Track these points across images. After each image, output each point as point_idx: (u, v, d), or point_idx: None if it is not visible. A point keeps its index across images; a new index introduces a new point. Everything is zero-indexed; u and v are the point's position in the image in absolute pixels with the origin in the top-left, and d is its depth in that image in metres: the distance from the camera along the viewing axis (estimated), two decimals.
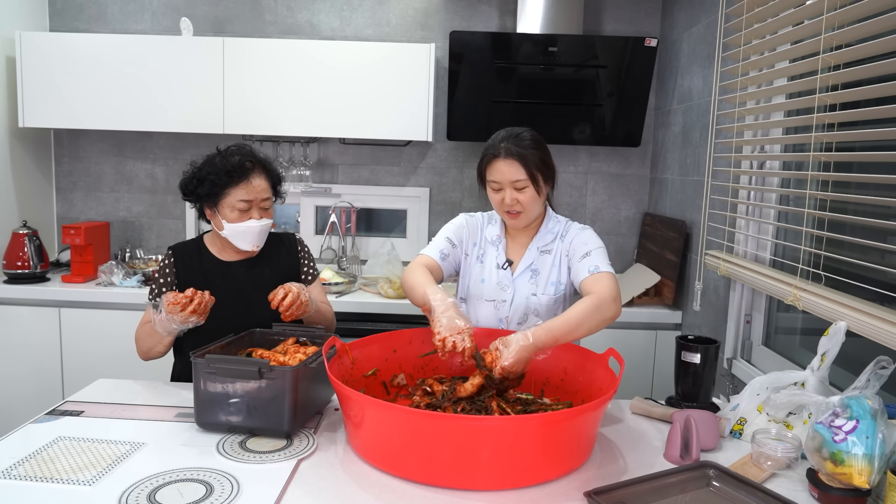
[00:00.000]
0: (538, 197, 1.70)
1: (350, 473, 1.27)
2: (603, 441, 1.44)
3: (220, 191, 1.72)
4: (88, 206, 3.35)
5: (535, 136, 1.71)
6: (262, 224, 1.76)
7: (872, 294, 1.54)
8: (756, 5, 2.06)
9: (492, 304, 1.79)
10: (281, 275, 1.84)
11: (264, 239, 1.82)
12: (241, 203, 1.72)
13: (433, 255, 1.77)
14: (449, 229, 1.84)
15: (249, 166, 1.74)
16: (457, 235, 1.83)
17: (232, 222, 1.74)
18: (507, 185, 1.68)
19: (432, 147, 3.27)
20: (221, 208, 1.74)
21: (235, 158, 1.73)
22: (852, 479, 1.16)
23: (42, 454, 1.29)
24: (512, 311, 1.78)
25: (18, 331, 2.80)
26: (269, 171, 1.81)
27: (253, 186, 1.73)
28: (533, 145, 1.68)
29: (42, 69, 2.87)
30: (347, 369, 1.52)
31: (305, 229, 3.33)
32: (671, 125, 2.96)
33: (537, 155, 1.67)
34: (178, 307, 1.55)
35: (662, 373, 2.76)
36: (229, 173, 1.71)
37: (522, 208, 1.69)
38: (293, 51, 2.87)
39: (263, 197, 1.76)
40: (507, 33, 2.99)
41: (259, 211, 1.76)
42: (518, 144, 1.66)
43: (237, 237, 1.76)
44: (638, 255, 3.26)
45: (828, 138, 1.73)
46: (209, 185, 1.72)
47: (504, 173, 1.67)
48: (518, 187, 1.67)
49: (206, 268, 1.81)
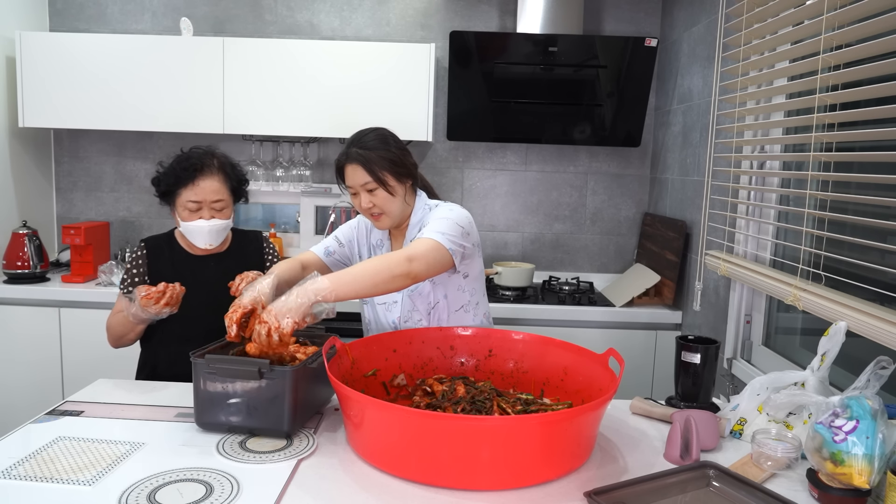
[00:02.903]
0: (392, 197, 1.69)
1: (350, 473, 1.27)
2: (603, 441, 1.44)
3: (172, 190, 1.82)
4: (88, 206, 3.35)
5: (381, 135, 1.70)
6: (210, 224, 1.82)
7: (872, 294, 1.54)
8: (756, 5, 2.06)
9: (383, 306, 1.82)
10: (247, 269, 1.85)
11: (218, 238, 1.87)
12: (190, 203, 1.80)
13: (317, 252, 1.84)
14: (342, 230, 1.89)
15: (199, 168, 1.80)
16: (346, 236, 1.87)
17: (184, 220, 1.83)
18: (359, 189, 1.69)
19: (432, 147, 3.27)
20: (177, 207, 1.84)
21: (189, 160, 1.81)
22: (852, 480, 1.16)
23: (42, 454, 1.29)
24: (402, 311, 1.79)
25: (18, 331, 2.80)
26: (226, 173, 1.86)
27: (201, 188, 1.80)
28: (380, 145, 1.67)
29: (42, 69, 2.87)
30: (347, 369, 1.52)
31: (305, 229, 3.33)
32: (671, 125, 2.96)
33: (384, 155, 1.66)
34: (152, 301, 1.64)
35: (662, 373, 2.76)
36: (178, 175, 1.80)
37: (380, 210, 1.70)
38: (293, 51, 2.87)
39: (214, 199, 1.81)
40: (507, 33, 2.99)
41: (210, 211, 1.82)
42: (365, 147, 1.66)
43: (190, 235, 1.85)
44: (638, 255, 3.26)
45: (828, 138, 1.73)
46: (164, 185, 1.83)
47: (353, 178, 1.68)
48: (368, 189, 1.68)
49: (177, 261, 1.90)
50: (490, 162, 3.30)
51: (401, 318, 1.80)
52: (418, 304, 1.77)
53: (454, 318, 1.81)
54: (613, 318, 2.77)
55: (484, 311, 1.89)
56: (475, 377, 1.65)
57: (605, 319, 2.77)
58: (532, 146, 3.28)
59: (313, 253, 1.85)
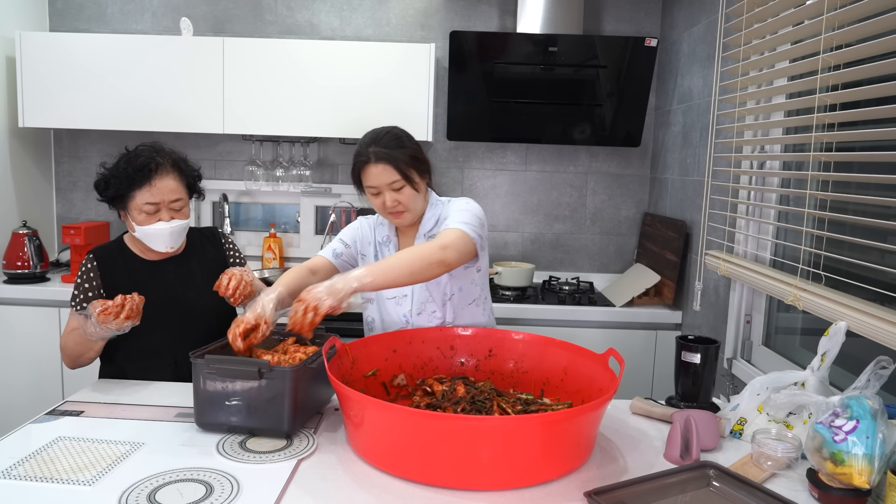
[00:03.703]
0: (417, 193, 1.71)
1: (350, 473, 1.27)
2: (603, 441, 1.44)
3: (125, 193, 1.69)
4: (88, 206, 3.35)
5: (399, 134, 1.72)
6: (172, 226, 1.72)
7: (872, 294, 1.54)
8: (756, 5, 2.06)
9: (393, 301, 1.82)
10: (209, 269, 1.84)
11: (179, 240, 1.77)
12: (146, 206, 1.68)
13: (326, 255, 1.83)
14: (345, 231, 1.88)
15: (153, 167, 1.68)
16: (351, 237, 1.87)
17: (141, 224, 1.70)
18: (384, 189, 1.69)
19: (432, 147, 3.27)
20: (130, 211, 1.71)
21: (140, 160, 1.69)
22: (852, 479, 1.16)
23: (42, 454, 1.29)
24: (414, 305, 1.80)
25: (18, 331, 2.80)
26: (181, 170, 1.76)
27: (158, 188, 1.69)
28: (400, 144, 1.69)
29: (42, 69, 2.87)
30: (347, 369, 1.52)
31: (305, 229, 3.33)
32: (671, 125, 2.96)
33: (406, 152, 1.68)
34: (111, 316, 1.53)
35: (662, 373, 2.76)
36: (131, 176, 1.67)
37: (405, 207, 1.70)
38: (293, 51, 2.87)
39: (172, 198, 1.71)
40: (507, 33, 2.99)
41: (169, 212, 1.71)
42: (385, 146, 1.67)
43: (148, 239, 1.73)
44: (638, 255, 3.26)
45: (828, 138, 1.73)
46: (114, 189, 1.69)
47: (378, 178, 1.67)
48: (395, 188, 1.68)
49: (132, 269, 1.78)
50: (490, 162, 3.30)
51: (412, 310, 1.80)
52: (435, 294, 1.78)
53: (467, 311, 1.82)
54: (613, 318, 2.77)
55: (490, 306, 1.91)
56: (475, 377, 1.65)
57: (605, 319, 2.77)
58: (532, 146, 3.28)
59: (322, 257, 1.83)
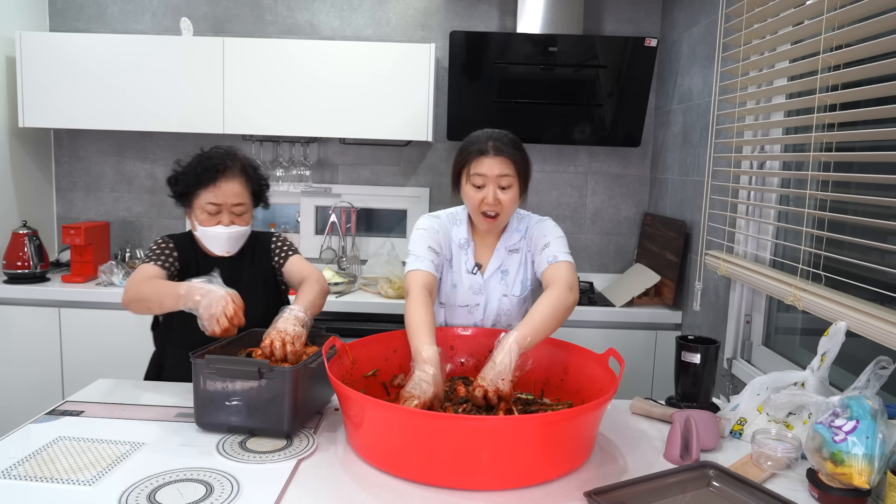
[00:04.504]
0: (518, 199, 1.70)
1: (350, 473, 1.27)
2: (603, 441, 1.44)
3: (191, 191, 1.72)
4: (88, 206, 3.35)
5: (518, 140, 1.72)
6: (230, 231, 1.73)
7: (872, 294, 1.54)
8: (756, 5, 2.06)
9: (465, 309, 1.80)
10: (256, 275, 1.84)
11: (236, 245, 1.78)
12: (209, 206, 1.71)
13: (427, 269, 1.67)
14: (426, 237, 1.74)
15: (221, 169, 1.71)
16: (435, 241, 1.75)
17: (202, 225, 1.73)
18: (491, 182, 1.65)
19: (432, 147, 3.27)
20: (194, 209, 1.74)
21: (210, 161, 1.72)
22: (852, 480, 1.16)
23: (42, 454, 1.29)
24: (486, 315, 1.79)
25: (18, 331, 2.80)
26: (248, 176, 1.78)
27: (222, 190, 1.71)
28: (519, 148, 1.70)
29: (42, 69, 2.87)
30: (347, 369, 1.52)
31: (305, 229, 3.33)
32: (671, 125, 2.96)
33: (523, 157, 1.70)
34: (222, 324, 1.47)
35: (662, 373, 2.76)
36: (199, 175, 1.71)
37: (502, 209, 1.67)
38: (293, 51, 2.87)
39: (234, 202, 1.73)
40: (506, 33, 2.99)
41: (230, 216, 1.73)
42: (506, 144, 1.67)
43: (206, 240, 1.76)
44: (638, 255, 3.26)
45: (828, 138, 1.73)
46: (182, 185, 1.73)
47: (492, 167, 1.64)
48: (503, 185, 1.65)
49: (199, 259, 1.82)
50: None
51: (484, 320, 1.79)
52: (517, 308, 1.79)
53: None
54: (613, 318, 2.77)
55: None
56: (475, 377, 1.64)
57: (605, 319, 2.77)
58: (532, 146, 3.25)
59: (426, 272, 1.66)
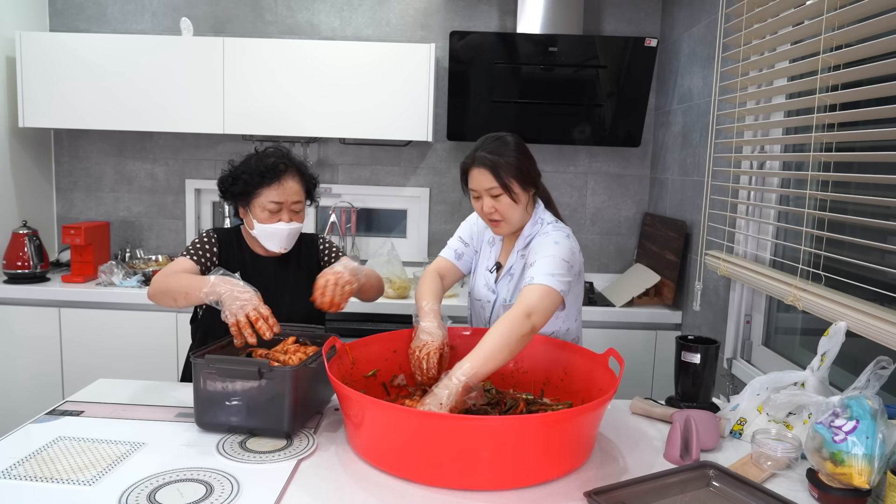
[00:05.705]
0: (515, 204, 1.66)
1: (350, 473, 1.27)
2: (603, 441, 1.44)
3: (252, 190, 1.75)
4: (88, 206, 3.35)
5: (509, 141, 1.68)
6: (291, 227, 1.78)
7: (872, 294, 1.54)
8: (756, 5, 2.06)
9: (480, 303, 1.83)
10: (303, 275, 1.86)
11: (293, 242, 1.84)
12: (271, 204, 1.74)
13: (448, 257, 1.85)
14: (462, 228, 1.89)
15: (283, 168, 1.76)
16: (468, 233, 1.87)
17: (262, 222, 1.76)
18: (483, 194, 1.67)
19: (432, 147, 3.27)
20: (253, 208, 1.77)
21: (270, 160, 1.76)
22: (852, 480, 1.16)
23: (42, 454, 1.29)
24: (493, 314, 1.79)
25: (18, 331, 2.80)
26: (303, 174, 1.83)
27: (284, 188, 1.75)
28: (505, 152, 1.65)
29: (42, 69, 2.87)
30: (347, 369, 1.52)
31: (305, 229, 3.30)
32: (671, 125, 2.96)
33: (511, 161, 1.64)
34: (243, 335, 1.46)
35: (662, 373, 2.76)
36: (262, 174, 1.74)
37: (501, 216, 1.68)
38: (293, 51, 2.87)
39: (294, 199, 1.78)
40: (507, 33, 2.99)
41: (289, 213, 1.78)
42: (493, 152, 1.64)
43: (266, 238, 1.79)
44: (638, 255, 3.26)
45: (828, 138, 1.73)
46: (242, 184, 1.75)
47: (478, 182, 1.66)
48: (493, 195, 1.66)
49: (244, 257, 1.84)
50: None
51: (492, 319, 1.80)
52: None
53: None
54: (613, 318, 2.77)
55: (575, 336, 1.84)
56: None
57: (605, 319, 2.77)
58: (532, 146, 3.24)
59: (445, 259, 1.84)
